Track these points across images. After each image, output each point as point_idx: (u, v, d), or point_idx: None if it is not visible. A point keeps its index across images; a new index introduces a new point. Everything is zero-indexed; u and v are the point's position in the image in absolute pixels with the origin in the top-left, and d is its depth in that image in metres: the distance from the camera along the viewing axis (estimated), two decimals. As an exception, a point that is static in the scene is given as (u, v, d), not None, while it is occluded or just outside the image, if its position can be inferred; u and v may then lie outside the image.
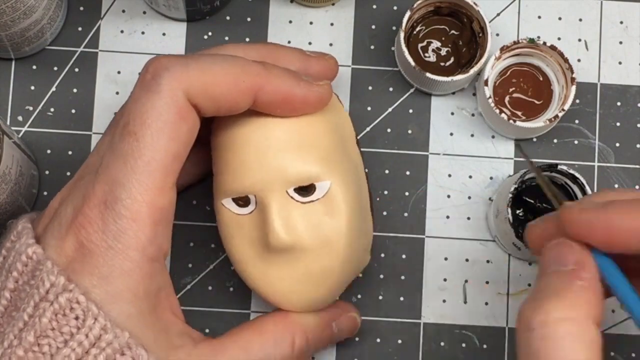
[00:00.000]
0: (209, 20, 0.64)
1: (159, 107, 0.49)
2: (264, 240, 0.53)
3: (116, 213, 0.48)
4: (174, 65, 0.50)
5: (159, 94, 0.49)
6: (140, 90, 0.50)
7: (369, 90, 0.63)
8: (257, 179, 0.52)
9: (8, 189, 0.55)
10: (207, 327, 0.61)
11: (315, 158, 0.53)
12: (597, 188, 0.63)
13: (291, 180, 0.53)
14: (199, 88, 0.50)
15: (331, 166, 0.54)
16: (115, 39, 0.63)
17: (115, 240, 0.48)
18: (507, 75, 0.62)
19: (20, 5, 0.56)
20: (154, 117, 0.49)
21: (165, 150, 0.49)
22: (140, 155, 0.48)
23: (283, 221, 0.53)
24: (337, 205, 0.53)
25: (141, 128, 0.49)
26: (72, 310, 0.48)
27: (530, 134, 0.63)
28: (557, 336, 0.43)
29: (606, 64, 0.64)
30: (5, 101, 0.62)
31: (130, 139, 0.49)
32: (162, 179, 0.49)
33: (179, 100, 0.49)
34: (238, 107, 0.51)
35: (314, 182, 0.53)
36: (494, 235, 0.62)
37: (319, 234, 0.53)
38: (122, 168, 0.48)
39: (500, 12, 0.64)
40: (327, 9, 0.64)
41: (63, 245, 0.49)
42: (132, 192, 0.48)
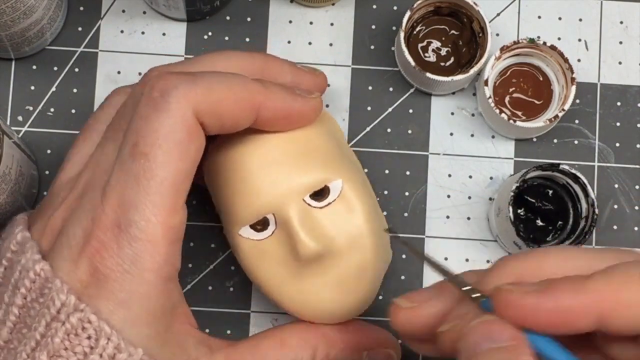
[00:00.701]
0: (209, 20, 0.64)
1: (168, 126, 0.48)
2: (292, 256, 0.53)
3: (131, 236, 0.48)
4: (182, 83, 0.49)
5: (168, 113, 0.48)
6: (148, 109, 0.49)
7: (369, 90, 0.63)
8: (271, 196, 0.52)
9: (8, 189, 0.55)
10: (207, 327, 0.61)
11: (321, 161, 0.53)
12: (597, 188, 0.63)
13: (305, 188, 0.53)
14: (207, 107, 0.49)
15: (337, 166, 0.54)
16: (115, 39, 0.63)
17: (131, 264, 0.48)
18: (507, 75, 0.62)
19: (20, 5, 0.56)
20: (164, 137, 0.48)
21: (176, 171, 0.48)
22: (152, 176, 0.48)
23: (307, 230, 0.53)
24: (353, 202, 0.54)
25: (152, 149, 0.48)
26: (84, 330, 0.47)
27: (530, 134, 0.63)
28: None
29: (606, 64, 0.64)
30: (5, 101, 0.62)
31: (142, 159, 0.48)
32: (174, 199, 0.48)
33: (189, 119, 0.49)
34: (240, 125, 0.51)
35: (327, 183, 0.53)
36: (495, 234, 0.62)
37: (344, 234, 0.53)
38: (135, 189, 0.48)
39: (500, 12, 0.64)
40: (327, 9, 0.64)
41: (76, 270, 0.48)
42: (145, 214, 0.48)
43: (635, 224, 0.63)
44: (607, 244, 0.62)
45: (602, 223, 0.63)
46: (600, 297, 0.43)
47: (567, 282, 0.44)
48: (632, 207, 0.63)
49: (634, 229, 0.63)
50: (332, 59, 0.64)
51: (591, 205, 0.59)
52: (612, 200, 0.63)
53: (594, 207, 0.59)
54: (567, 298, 0.43)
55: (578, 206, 0.60)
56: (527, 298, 0.43)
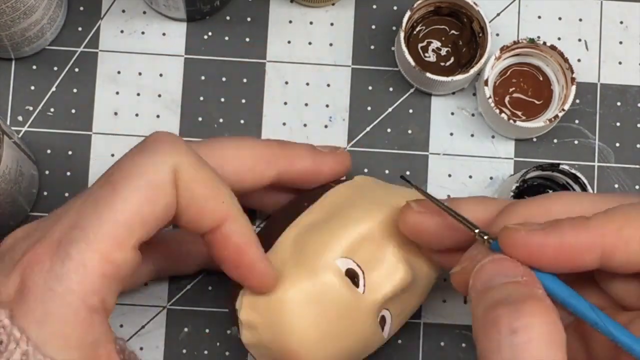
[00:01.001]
0: (209, 20, 0.64)
1: (145, 165, 0.48)
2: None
3: (66, 254, 0.46)
4: (179, 142, 0.49)
5: (151, 157, 0.48)
6: (137, 149, 0.49)
7: (369, 90, 0.63)
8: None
9: (8, 189, 0.55)
10: (207, 327, 0.61)
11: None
12: (597, 188, 0.63)
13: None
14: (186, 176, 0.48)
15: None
16: (115, 39, 0.63)
17: (57, 282, 0.46)
18: (507, 75, 0.62)
19: (20, 5, 0.56)
20: (137, 174, 0.48)
21: (137, 208, 0.47)
22: (111, 205, 0.47)
23: None
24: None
25: (120, 181, 0.47)
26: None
27: (530, 134, 0.63)
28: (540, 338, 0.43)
29: (606, 64, 0.64)
30: (5, 101, 0.62)
31: (108, 188, 0.47)
32: (123, 235, 0.47)
33: (167, 171, 0.48)
34: (200, 227, 0.50)
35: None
36: (495, 235, 0.62)
37: None
38: (89, 214, 0.47)
39: (500, 12, 0.64)
40: (327, 9, 0.64)
41: (7, 283, 0.47)
42: (89, 238, 0.46)
43: (635, 224, 0.63)
44: (607, 244, 0.62)
45: (602, 223, 0.63)
46: (603, 234, 0.45)
47: (571, 222, 0.46)
48: (632, 207, 0.63)
49: (634, 229, 0.63)
50: (332, 59, 0.64)
51: (591, 205, 0.59)
52: (612, 200, 0.63)
53: (594, 207, 0.59)
54: (571, 235, 0.45)
55: (578, 206, 0.60)
56: (533, 236, 0.46)
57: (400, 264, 0.53)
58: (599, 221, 0.46)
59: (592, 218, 0.46)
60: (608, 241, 0.45)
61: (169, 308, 0.61)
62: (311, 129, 0.63)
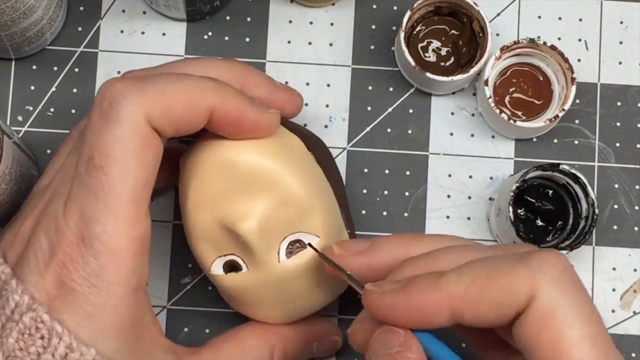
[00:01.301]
0: (209, 20, 0.64)
1: (122, 137, 0.48)
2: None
3: (95, 251, 0.47)
4: (131, 90, 0.48)
5: (120, 123, 0.48)
6: (99, 120, 0.48)
7: (369, 90, 0.63)
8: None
9: (8, 189, 0.55)
10: (206, 327, 0.61)
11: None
12: (597, 188, 0.63)
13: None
14: (159, 112, 0.48)
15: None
16: (115, 39, 0.63)
17: (97, 278, 0.47)
18: (507, 75, 0.62)
19: (20, 5, 0.56)
20: (119, 148, 0.48)
21: (135, 181, 0.48)
22: (110, 189, 0.47)
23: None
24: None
25: (108, 162, 0.47)
26: (37, 330, 0.47)
27: (530, 134, 0.63)
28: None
29: (606, 64, 0.64)
30: (5, 101, 0.62)
31: (98, 173, 0.47)
32: (135, 210, 0.48)
33: (142, 127, 0.48)
34: (196, 127, 0.51)
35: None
36: (495, 234, 0.62)
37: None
38: (94, 204, 0.47)
39: (500, 12, 0.64)
40: (327, 9, 0.64)
41: (43, 282, 0.48)
42: (108, 228, 0.47)
43: (635, 224, 0.63)
44: (607, 244, 0.62)
45: (602, 223, 0.63)
46: (450, 294, 0.45)
47: (424, 279, 0.46)
48: (632, 207, 0.63)
49: (634, 229, 0.63)
50: (332, 59, 0.64)
51: (591, 205, 0.59)
52: (612, 200, 0.63)
53: (594, 207, 0.59)
54: (421, 295, 0.46)
55: (578, 206, 0.60)
56: (385, 298, 0.46)
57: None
58: (449, 280, 0.46)
59: (443, 277, 0.46)
60: (455, 302, 0.45)
61: (169, 308, 0.61)
62: (311, 129, 0.63)
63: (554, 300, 0.44)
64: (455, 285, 0.45)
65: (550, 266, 0.44)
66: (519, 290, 0.44)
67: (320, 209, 0.53)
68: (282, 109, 0.55)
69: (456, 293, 0.45)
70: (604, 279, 0.62)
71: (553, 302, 0.44)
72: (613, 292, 0.62)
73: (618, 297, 0.62)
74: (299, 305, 0.55)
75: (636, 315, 0.62)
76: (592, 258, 0.62)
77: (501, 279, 0.45)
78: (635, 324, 0.62)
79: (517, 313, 0.45)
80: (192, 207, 0.53)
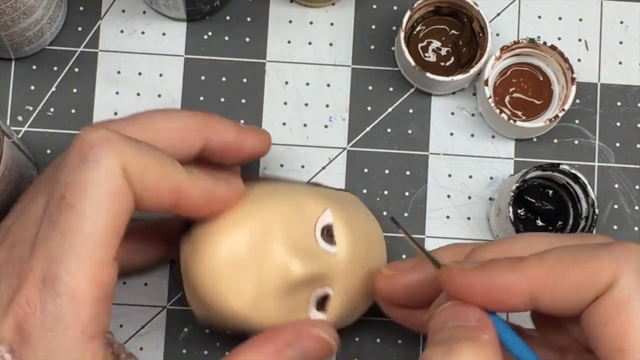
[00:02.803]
0: (209, 20, 0.64)
1: (98, 178, 0.46)
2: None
3: (55, 292, 0.45)
4: (113, 139, 0.47)
5: (98, 165, 0.47)
6: (77, 160, 0.47)
7: (369, 90, 0.63)
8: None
9: (7, 190, 0.55)
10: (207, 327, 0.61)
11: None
12: (597, 188, 0.63)
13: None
14: (135, 169, 0.47)
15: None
16: (115, 39, 0.63)
17: (54, 322, 0.46)
18: (507, 75, 0.62)
19: (20, 5, 0.56)
20: (93, 189, 0.46)
21: (105, 225, 0.46)
22: (78, 229, 0.46)
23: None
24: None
25: (80, 200, 0.46)
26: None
27: (530, 134, 0.63)
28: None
29: (606, 64, 0.64)
30: (5, 101, 0.62)
31: (69, 212, 0.46)
32: (102, 255, 0.46)
33: (118, 175, 0.47)
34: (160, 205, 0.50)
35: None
36: (495, 234, 0.62)
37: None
38: (61, 243, 0.46)
39: (500, 12, 0.64)
40: (327, 9, 0.64)
41: (2, 326, 0.46)
42: (71, 269, 0.46)
43: (635, 224, 0.63)
44: (607, 244, 0.62)
45: (602, 223, 0.63)
46: (531, 276, 0.45)
47: (504, 262, 0.46)
48: (632, 207, 0.63)
49: (634, 229, 0.63)
50: (332, 59, 0.64)
51: (591, 205, 0.59)
52: (612, 200, 0.63)
53: (594, 207, 0.59)
54: (500, 275, 0.45)
55: (578, 206, 0.60)
56: (463, 274, 0.46)
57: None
58: (530, 263, 0.46)
59: (525, 260, 0.46)
60: (536, 284, 0.45)
61: (169, 308, 0.61)
62: (311, 129, 0.63)
63: (633, 289, 0.44)
64: (536, 268, 0.45)
65: (635, 255, 0.45)
66: (601, 274, 0.44)
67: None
68: (252, 149, 0.55)
69: (536, 275, 0.45)
70: (604, 279, 0.62)
71: (632, 291, 0.44)
72: (613, 292, 0.62)
73: (618, 297, 0.62)
74: None
75: (636, 315, 0.62)
76: (592, 258, 0.62)
77: (584, 264, 0.45)
78: (635, 324, 0.62)
79: (595, 298, 0.45)
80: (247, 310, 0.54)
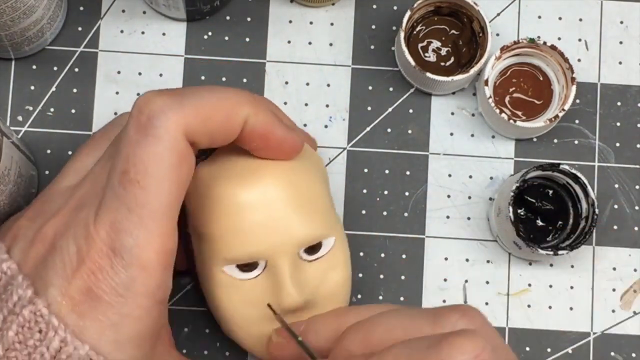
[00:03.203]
0: (209, 20, 0.64)
1: (160, 153, 0.48)
2: (273, 302, 0.53)
3: (125, 262, 0.48)
4: (169, 106, 0.48)
5: (159, 139, 0.48)
6: (137, 134, 0.48)
7: (369, 90, 0.63)
8: (268, 244, 0.52)
9: (7, 190, 0.55)
10: (206, 327, 0.61)
11: (319, 216, 0.54)
12: (597, 188, 0.63)
13: (302, 242, 0.53)
14: (196, 126, 0.49)
15: (332, 221, 0.55)
16: (115, 39, 0.63)
17: (125, 288, 0.48)
18: (507, 75, 0.62)
19: (20, 5, 0.56)
20: (156, 164, 0.48)
21: (169, 196, 0.48)
22: (145, 204, 0.48)
23: (295, 282, 0.53)
24: (338, 259, 0.55)
25: (144, 177, 0.48)
26: (36, 324, 0.48)
27: (530, 134, 0.63)
28: None
29: (606, 64, 0.64)
30: (5, 101, 0.62)
31: (133, 187, 0.48)
32: (167, 225, 0.48)
33: (180, 143, 0.48)
34: (231, 138, 0.51)
35: (323, 239, 0.54)
36: (495, 234, 0.62)
37: (326, 289, 0.54)
38: (127, 216, 0.48)
39: (500, 12, 0.64)
40: (327, 9, 0.64)
41: (69, 287, 0.48)
42: (139, 241, 0.48)
43: (635, 224, 0.63)
44: (607, 244, 0.62)
45: (602, 223, 0.63)
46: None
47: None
48: (632, 207, 0.63)
49: (634, 229, 0.63)
50: (332, 59, 0.64)
51: (591, 205, 0.59)
52: (612, 200, 0.63)
53: (594, 207, 0.59)
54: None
55: (578, 206, 0.60)
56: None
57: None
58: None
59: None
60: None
61: (169, 308, 0.61)
62: (311, 129, 0.63)
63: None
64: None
65: (461, 355, 0.44)
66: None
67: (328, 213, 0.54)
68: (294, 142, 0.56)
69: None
70: (604, 279, 0.62)
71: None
72: (613, 292, 0.62)
73: (618, 297, 0.62)
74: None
75: (636, 315, 0.62)
76: (592, 258, 0.62)
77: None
78: (635, 324, 0.62)
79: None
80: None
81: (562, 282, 0.62)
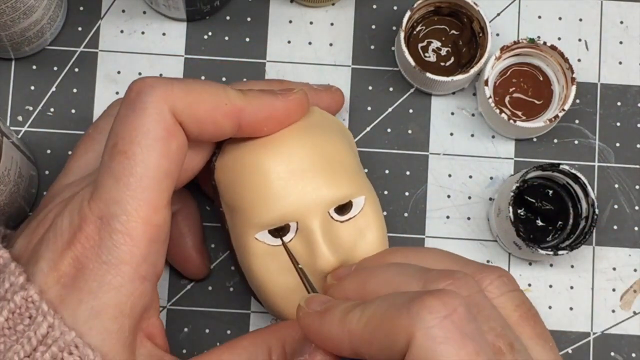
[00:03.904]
0: (209, 20, 0.64)
1: (146, 124, 0.49)
2: (309, 266, 0.53)
3: (112, 228, 0.48)
4: (159, 83, 0.50)
5: (144, 110, 0.49)
6: (126, 109, 0.49)
7: (369, 90, 0.63)
8: (297, 205, 0.52)
9: (7, 190, 0.55)
10: (207, 327, 0.61)
11: (347, 176, 0.53)
12: (597, 188, 0.63)
13: (331, 201, 0.53)
14: (184, 106, 0.50)
15: (360, 181, 0.54)
16: (115, 39, 0.63)
17: (109, 254, 0.48)
18: (507, 75, 0.62)
19: (20, 5, 0.56)
20: (142, 134, 0.49)
21: (156, 167, 0.49)
22: (132, 172, 0.48)
23: (329, 243, 0.53)
24: (371, 218, 0.54)
25: (131, 146, 0.48)
26: (27, 310, 0.48)
27: (530, 134, 0.63)
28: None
29: (606, 64, 0.64)
30: (5, 101, 0.62)
31: (121, 157, 0.48)
32: (155, 196, 0.49)
33: (166, 117, 0.49)
34: (223, 132, 0.52)
35: (352, 199, 0.54)
36: (495, 234, 0.62)
37: (359, 250, 0.54)
38: (115, 186, 0.48)
39: (500, 12, 0.64)
40: (327, 9, 0.64)
41: (58, 260, 0.49)
42: (126, 209, 0.48)
43: (635, 224, 0.63)
44: (607, 244, 0.62)
45: (602, 223, 0.63)
46: (350, 331, 0.45)
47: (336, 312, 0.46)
48: (632, 207, 0.63)
49: (634, 229, 0.63)
50: (332, 59, 0.64)
51: (591, 205, 0.59)
52: (612, 200, 0.63)
53: (594, 207, 0.59)
54: (329, 326, 0.46)
55: (578, 206, 0.60)
56: (305, 318, 0.47)
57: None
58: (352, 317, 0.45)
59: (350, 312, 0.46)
60: (353, 340, 0.45)
61: (169, 308, 0.61)
62: (311, 129, 0.63)
63: (429, 349, 0.43)
64: (355, 323, 0.45)
65: (429, 314, 0.43)
66: (399, 336, 0.44)
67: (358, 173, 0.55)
68: (327, 109, 0.57)
69: (355, 331, 0.45)
70: (604, 279, 0.62)
71: (428, 351, 0.43)
72: (613, 292, 0.62)
73: (618, 297, 0.62)
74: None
75: (636, 315, 0.62)
76: (592, 258, 0.62)
77: (387, 324, 0.44)
78: (635, 324, 0.62)
79: (402, 357, 0.44)
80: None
81: (562, 282, 0.62)
